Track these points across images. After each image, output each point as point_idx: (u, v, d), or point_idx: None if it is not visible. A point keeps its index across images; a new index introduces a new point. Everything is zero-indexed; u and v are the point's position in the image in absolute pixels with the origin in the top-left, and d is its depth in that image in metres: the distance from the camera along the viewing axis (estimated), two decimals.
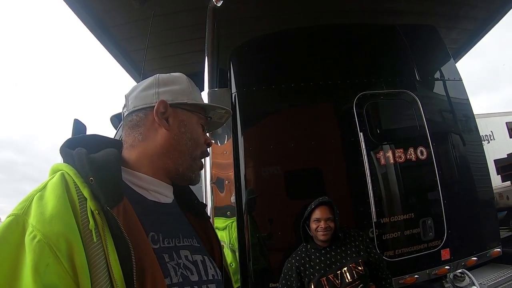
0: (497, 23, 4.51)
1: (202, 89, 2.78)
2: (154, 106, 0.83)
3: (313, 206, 2.13)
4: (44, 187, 0.67)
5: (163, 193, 0.85)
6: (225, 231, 2.56)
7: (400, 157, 2.65)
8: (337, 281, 1.99)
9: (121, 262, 0.62)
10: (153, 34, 3.52)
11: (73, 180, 0.67)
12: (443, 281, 2.61)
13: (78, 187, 0.66)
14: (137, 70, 4.47)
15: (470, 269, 2.61)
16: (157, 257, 0.69)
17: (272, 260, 2.52)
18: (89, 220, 0.63)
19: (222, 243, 2.48)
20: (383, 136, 2.74)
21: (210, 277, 0.82)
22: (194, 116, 0.89)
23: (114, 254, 0.62)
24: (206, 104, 0.92)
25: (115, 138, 1.07)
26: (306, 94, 2.82)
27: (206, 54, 2.87)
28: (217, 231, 2.51)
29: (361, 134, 2.63)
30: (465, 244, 2.67)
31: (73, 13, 3.55)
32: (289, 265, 2.14)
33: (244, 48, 3.04)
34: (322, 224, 2.07)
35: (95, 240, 0.62)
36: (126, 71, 4.71)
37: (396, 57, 3.01)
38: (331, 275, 2.01)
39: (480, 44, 4.94)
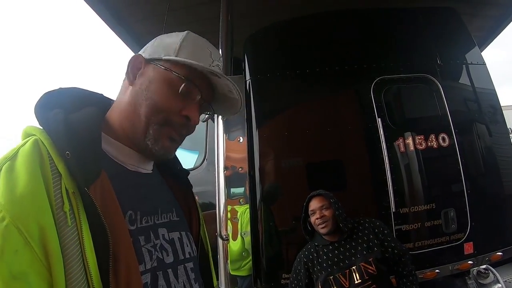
0: None
1: None
2: None
3: (305, 202, 2.07)
4: (15, 155, 0.59)
5: (141, 166, 0.78)
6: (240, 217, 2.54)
7: (421, 144, 2.52)
8: (345, 281, 1.88)
9: (96, 249, 0.57)
10: (169, 27, 3.56)
11: (48, 151, 0.60)
12: (466, 277, 2.48)
13: (53, 160, 0.59)
14: None
15: (494, 265, 2.48)
16: (133, 240, 0.64)
17: (286, 251, 2.46)
18: (63, 201, 0.56)
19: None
20: (402, 122, 2.63)
21: (187, 255, 0.78)
22: (169, 75, 0.73)
23: (89, 240, 0.56)
24: (192, 63, 0.72)
25: None
26: (321, 80, 2.74)
27: (220, 42, 2.85)
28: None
29: (379, 120, 2.53)
30: (489, 238, 2.52)
31: (89, 7, 3.62)
32: (298, 259, 2.08)
33: (259, 35, 3.00)
34: (317, 214, 1.99)
35: (69, 223, 0.55)
36: None
37: (416, 41, 2.89)
38: (339, 274, 1.90)
39: (504, 33, 4.69)
